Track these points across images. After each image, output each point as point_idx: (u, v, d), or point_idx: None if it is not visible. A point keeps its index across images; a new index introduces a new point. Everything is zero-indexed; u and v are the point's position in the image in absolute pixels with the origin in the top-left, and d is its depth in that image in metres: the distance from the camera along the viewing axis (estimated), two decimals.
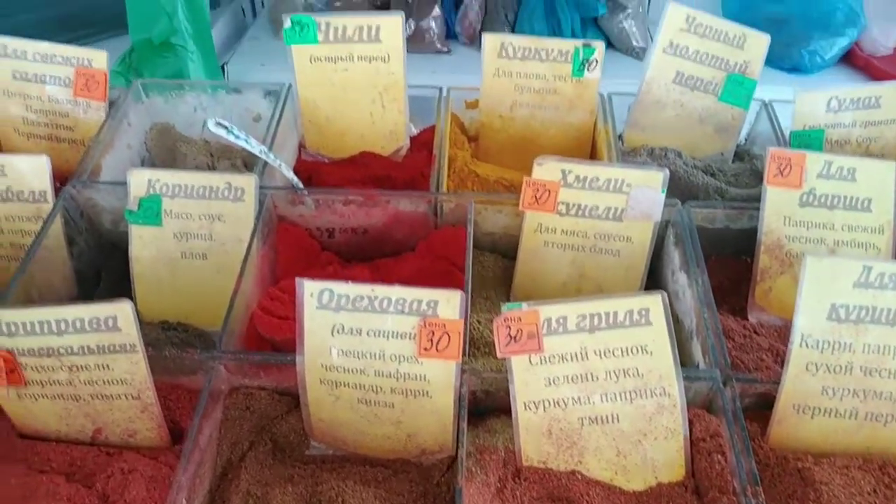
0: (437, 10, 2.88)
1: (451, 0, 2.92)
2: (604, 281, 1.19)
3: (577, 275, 1.19)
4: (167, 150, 1.47)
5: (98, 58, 1.36)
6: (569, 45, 1.29)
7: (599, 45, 1.28)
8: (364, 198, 1.19)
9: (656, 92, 1.35)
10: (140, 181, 1.17)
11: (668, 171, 1.12)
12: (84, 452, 0.96)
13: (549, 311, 0.91)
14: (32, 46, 1.36)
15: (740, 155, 1.40)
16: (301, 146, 1.44)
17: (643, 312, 0.92)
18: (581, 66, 1.29)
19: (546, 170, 1.13)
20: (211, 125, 1.18)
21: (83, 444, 0.98)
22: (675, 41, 1.32)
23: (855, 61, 2.56)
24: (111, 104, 1.39)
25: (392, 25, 1.30)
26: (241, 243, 1.16)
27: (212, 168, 1.44)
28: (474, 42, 2.90)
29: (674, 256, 1.16)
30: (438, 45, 2.85)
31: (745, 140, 1.43)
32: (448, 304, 0.92)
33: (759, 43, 1.33)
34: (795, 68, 2.53)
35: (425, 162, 1.39)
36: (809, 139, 1.36)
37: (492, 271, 1.25)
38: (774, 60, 2.41)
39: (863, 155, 1.35)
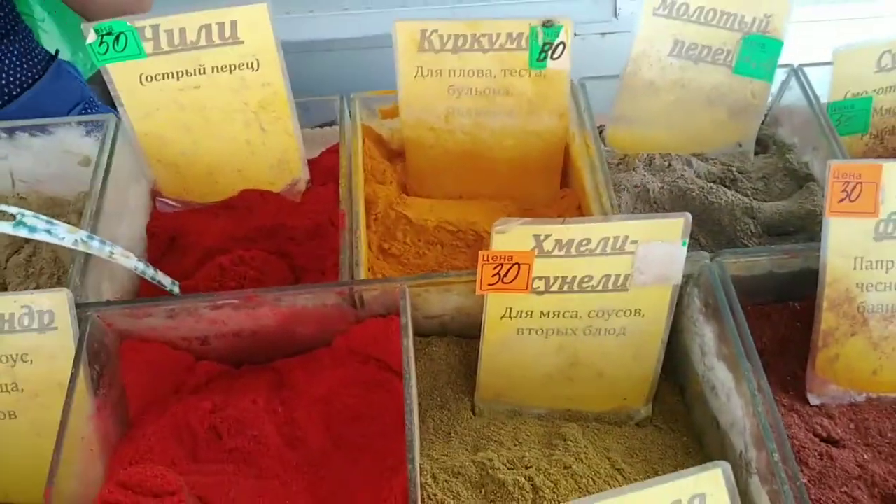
0: None
1: None
2: (606, 367, 0.84)
3: (567, 364, 0.83)
4: None
5: None
6: (521, 25, 0.87)
7: (567, 23, 0.87)
8: (240, 300, 0.80)
9: (647, 71, 0.96)
10: None
11: (689, 217, 0.74)
12: None
13: None
14: None
15: (763, 143, 1.03)
16: (155, 193, 1.01)
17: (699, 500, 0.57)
18: (541, 53, 0.88)
19: (512, 238, 0.74)
20: None
21: None
22: None
23: None
24: None
25: (255, 17, 0.86)
26: (62, 389, 0.77)
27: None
28: None
29: (704, 332, 0.80)
30: None
31: (765, 120, 1.06)
32: None
33: None
34: None
35: (333, 199, 0.99)
36: (853, 111, 1.00)
37: (445, 363, 0.88)
38: None
39: None
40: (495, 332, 0.81)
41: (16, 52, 1.32)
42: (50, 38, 2.05)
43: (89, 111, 1.48)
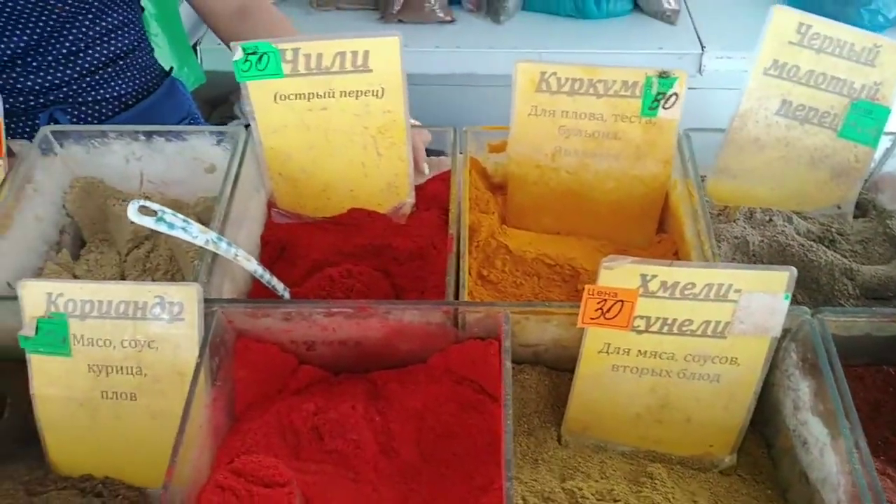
0: None
1: None
2: (695, 413, 0.85)
3: (657, 405, 0.85)
4: (98, 211, 1.12)
5: None
6: (637, 74, 0.91)
7: (682, 75, 0.91)
8: (353, 310, 0.85)
9: (753, 128, 0.98)
10: (35, 296, 0.83)
11: (794, 271, 0.76)
12: None
13: None
14: None
15: (862, 207, 1.04)
16: (271, 204, 1.08)
17: None
18: (654, 102, 0.92)
19: (618, 275, 0.77)
20: (132, 212, 0.83)
21: None
22: (781, 59, 0.95)
23: None
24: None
25: (386, 49, 0.93)
26: (182, 379, 0.83)
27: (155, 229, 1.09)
28: (481, 9, 2.53)
29: (799, 386, 0.81)
30: (441, 14, 2.48)
31: (865, 184, 1.06)
32: None
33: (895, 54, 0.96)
34: None
35: (437, 224, 1.04)
36: None
37: (535, 391, 0.91)
38: None
39: None
40: (591, 367, 0.84)
41: (137, 66, 1.42)
42: (161, 51, 2.20)
43: (194, 125, 1.57)
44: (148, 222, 0.84)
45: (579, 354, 0.83)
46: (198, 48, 2.45)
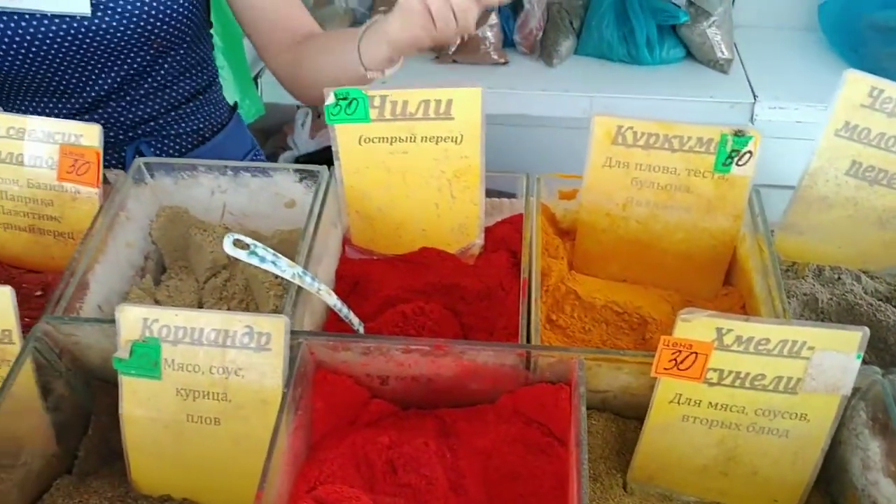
0: (493, 18, 2.55)
1: (510, 5, 2.58)
2: (762, 467, 0.86)
3: (724, 458, 0.87)
4: (180, 239, 1.17)
5: (89, 133, 1.06)
6: (713, 131, 0.94)
7: (756, 134, 0.94)
8: (430, 348, 0.88)
9: (822, 187, 1.00)
10: (132, 321, 0.87)
11: (867, 331, 0.78)
12: None
13: None
14: (7, 120, 1.06)
15: None
16: (346, 241, 1.12)
17: None
18: (728, 158, 0.95)
19: (694, 327, 0.79)
20: (227, 246, 0.87)
21: None
22: (852, 121, 0.97)
23: None
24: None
25: (468, 99, 0.97)
26: (265, 406, 0.86)
27: (233, 259, 1.14)
28: (534, 52, 2.58)
29: (869, 446, 0.82)
30: (495, 56, 2.54)
31: None
32: None
33: None
34: None
35: (505, 266, 1.07)
36: None
37: (601, 437, 0.93)
38: (880, 76, 2.03)
39: None
40: (661, 416, 0.86)
41: (212, 101, 1.49)
42: (226, 84, 2.29)
43: (257, 159, 1.63)
44: (241, 255, 0.88)
45: (650, 403, 0.85)
46: (258, 80, 2.54)
